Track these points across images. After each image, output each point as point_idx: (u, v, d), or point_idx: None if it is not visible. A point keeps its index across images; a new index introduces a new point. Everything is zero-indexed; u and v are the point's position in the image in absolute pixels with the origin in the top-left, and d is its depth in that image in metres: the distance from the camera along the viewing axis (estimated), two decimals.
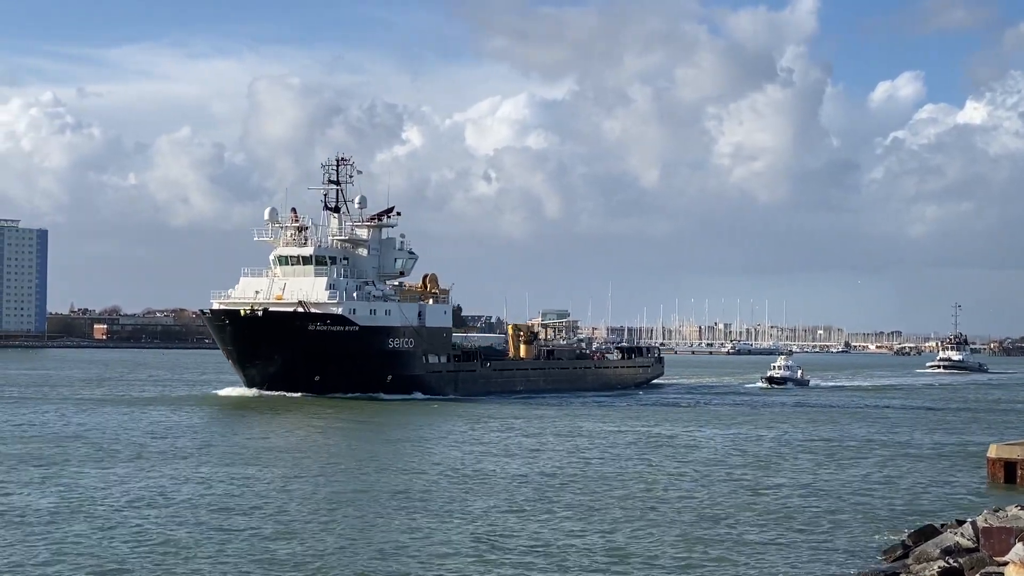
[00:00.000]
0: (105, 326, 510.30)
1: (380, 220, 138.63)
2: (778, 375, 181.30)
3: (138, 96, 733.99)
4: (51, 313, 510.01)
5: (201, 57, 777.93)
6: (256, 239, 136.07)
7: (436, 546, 43.54)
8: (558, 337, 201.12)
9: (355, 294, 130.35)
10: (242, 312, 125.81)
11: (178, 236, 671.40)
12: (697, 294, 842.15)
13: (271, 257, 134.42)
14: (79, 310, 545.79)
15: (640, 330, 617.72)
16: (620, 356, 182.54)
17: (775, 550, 43.41)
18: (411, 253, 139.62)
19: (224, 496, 54.48)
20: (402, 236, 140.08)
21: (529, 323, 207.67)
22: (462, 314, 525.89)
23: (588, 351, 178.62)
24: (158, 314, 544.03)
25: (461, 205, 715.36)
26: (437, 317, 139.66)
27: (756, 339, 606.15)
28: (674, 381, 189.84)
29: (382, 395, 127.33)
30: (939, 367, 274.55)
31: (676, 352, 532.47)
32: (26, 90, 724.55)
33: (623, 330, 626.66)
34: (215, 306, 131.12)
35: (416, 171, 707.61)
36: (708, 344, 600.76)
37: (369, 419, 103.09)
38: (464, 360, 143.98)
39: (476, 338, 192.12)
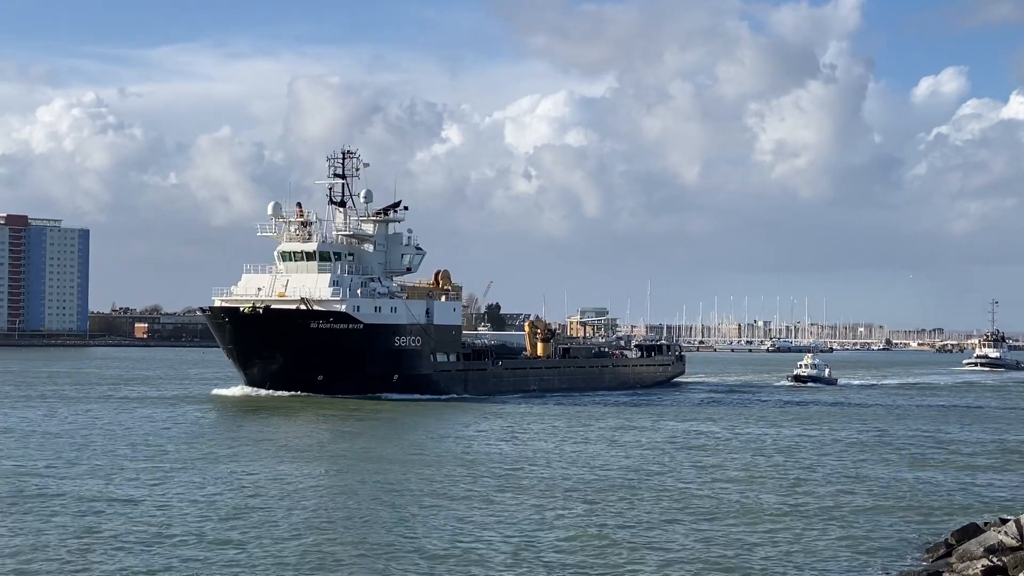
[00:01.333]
0: (146, 325, 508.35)
1: (387, 214, 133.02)
2: (804, 373, 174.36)
3: (179, 96, 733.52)
4: (93, 312, 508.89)
5: (241, 57, 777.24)
6: (259, 234, 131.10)
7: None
8: (597, 335, 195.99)
9: (359, 291, 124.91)
10: (242, 310, 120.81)
11: (218, 235, 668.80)
12: (736, 292, 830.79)
13: (275, 253, 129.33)
14: (120, 309, 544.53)
15: (679, 328, 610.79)
16: (639, 354, 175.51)
17: (815, 549, 43.07)
18: (419, 248, 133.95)
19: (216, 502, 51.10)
20: (409, 231, 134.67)
21: (569, 320, 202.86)
22: (500, 312, 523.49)
23: (606, 349, 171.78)
24: (198, 313, 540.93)
25: (501, 203, 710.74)
26: (446, 314, 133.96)
27: (796, 337, 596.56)
28: (696, 380, 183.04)
29: (391, 395, 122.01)
30: (976, 364, 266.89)
31: (715, 350, 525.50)
32: (68, 91, 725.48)
33: (662, 328, 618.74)
34: (217, 303, 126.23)
35: (456, 169, 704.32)
36: (748, 342, 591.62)
37: (362, 419, 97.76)
38: (475, 358, 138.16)
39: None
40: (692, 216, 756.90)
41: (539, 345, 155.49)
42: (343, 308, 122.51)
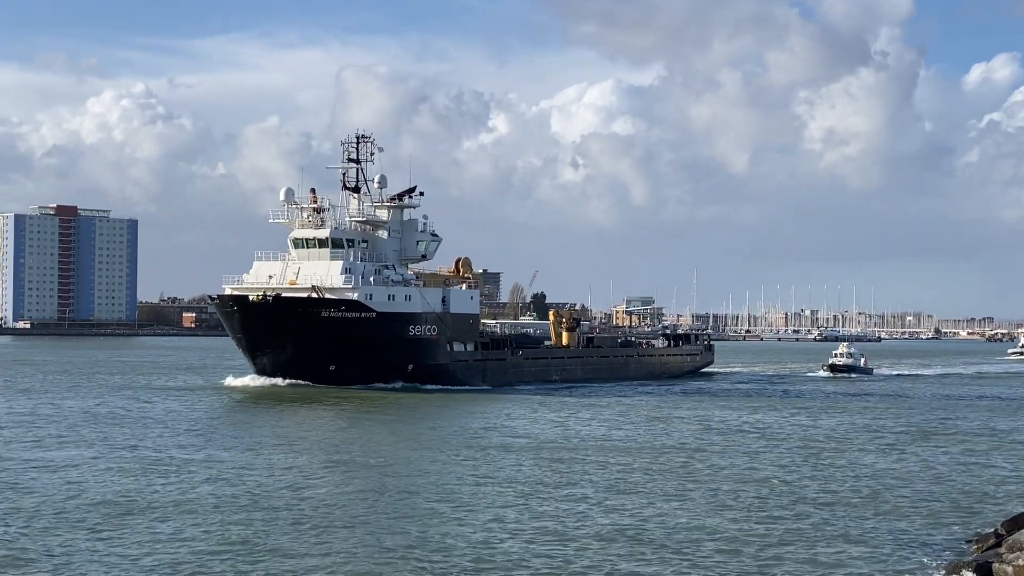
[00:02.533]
0: (194, 314, 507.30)
1: (401, 200, 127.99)
2: (840, 363, 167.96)
3: (227, 86, 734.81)
4: (141, 302, 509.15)
5: (289, 47, 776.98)
6: (271, 220, 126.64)
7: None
8: (643, 324, 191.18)
9: (372, 278, 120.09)
10: (251, 298, 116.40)
11: (266, 224, 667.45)
12: (783, 280, 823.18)
13: (288, 239, 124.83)
14: (168, 299, 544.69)
15: (726, 317, 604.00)
16: (666, 343, 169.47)
17: (860, 540, 41.79)
18: (434, 235, 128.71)
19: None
20: (425, 217, 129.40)
21: (615, 309, 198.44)
22: (546, 301, 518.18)
23: (632, 339, 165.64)
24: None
25: (547, 192, 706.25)
26: (463, 303, 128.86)
27: (844, 326, 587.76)
28: (726, 370, 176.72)
29: (406, 385, 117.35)
30: (1021, 354, 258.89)
31: (763, 339, 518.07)
32: (118, 82, 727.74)
33: (708, 317, 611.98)
34: (227, 291, 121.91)
35: (502, 159, 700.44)
36: (795, 331, 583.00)
37: (366, 413, 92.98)
38: (493, 348, 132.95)
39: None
40: (740, 205, 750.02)
41: (564, 335, 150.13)
42: (355, 296, 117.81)
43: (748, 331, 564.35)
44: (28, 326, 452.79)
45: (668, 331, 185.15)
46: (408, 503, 48.27)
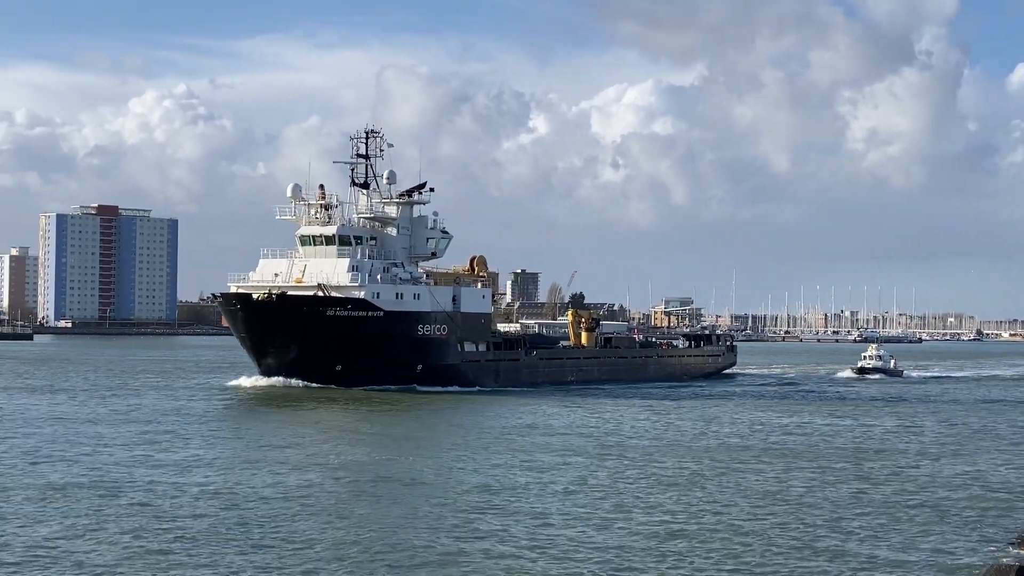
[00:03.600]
0: None
1: (411, 196, 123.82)
2: (868, 365, 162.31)
3: (268, 87, 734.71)
4: (181, 301, 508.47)
5: (329, 47, 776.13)
6: (278, 217, 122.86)
7: None
8: (681, 325, 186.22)
9: (379, 276, 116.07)
10: (256, 296, 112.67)
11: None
12: (823, 281, 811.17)
13: (295, 236, 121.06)
14: (208, 298, 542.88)
15: (764, 318, 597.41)
16: (687, 344, 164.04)
17: (899, 541, 40.75)
18: (444, 232, 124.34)
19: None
20: (435, 214, 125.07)
21: (653, 310, 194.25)
22: (584, 302, 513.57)
23: (653, 339, 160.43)
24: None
25: (587, 192, 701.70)
26: (474, 301, 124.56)
27: (884, 327, 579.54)
28: (749, 371, 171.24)
29: (414, 386, 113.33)
30: None
31: (801, 340, 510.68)
32: (160, 82, 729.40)
33: (747, 318, 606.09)
34: (233, 289, 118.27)
35: (542, 159, 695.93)
36: (834, 332, 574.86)
37: (365, 416, 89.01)
38: (506, 348, 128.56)
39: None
40: (781, 205, 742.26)
41: (583, 335, 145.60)
42: (362, 294, 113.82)
43: (787, 332, 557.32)
44: (69, 325, 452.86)
45: (689, 331, 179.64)
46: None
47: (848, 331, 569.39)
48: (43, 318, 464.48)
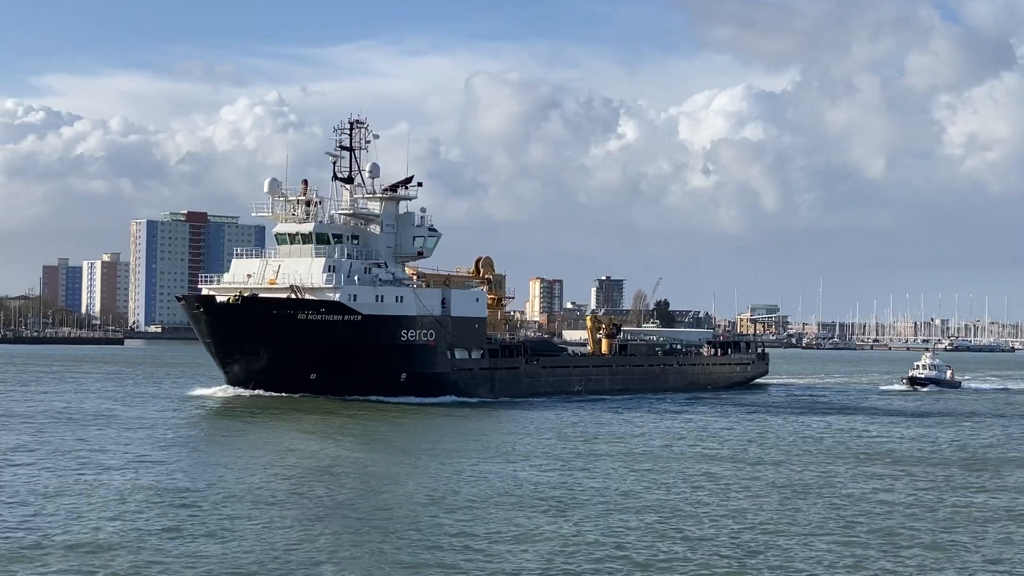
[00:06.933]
0: None
1: (395, 191, 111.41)
2: (921, 375, 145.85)
3: (357, 93, 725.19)
4: None
5: (417, 54, 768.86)
6: (254, 214, 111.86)
7: None
8: (767, 332, 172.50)
9: (357, 277, 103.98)
10: (228, 299, 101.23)
11: None
12: (912, 289, 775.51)
13: (272, 234, 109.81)
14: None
15: (852, 326, 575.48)
16: (713, 352, 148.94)
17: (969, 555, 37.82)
18: (432, 230, 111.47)
19: None
20: (423, 211, 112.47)
21: (739, 317, 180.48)
22: (669, 309, 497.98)
23: (678, 346, 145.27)
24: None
25: (676, 199, 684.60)
26: (466, 305, 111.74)
27: (975, 335, 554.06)
28: (782, 381, 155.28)
29: (397, 398, 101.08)
30: None
31: (891, 348, 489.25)
32: (252, 90, 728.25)
33: (834, 326, 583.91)
34: (204, 292, 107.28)
35: (630, 165, 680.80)
36: (924, 340, 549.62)
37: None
38: (504, 355, 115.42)
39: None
40: (873, 211, 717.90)
41: (604, 342, 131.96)
42: (336, 296, 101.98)
43: (876, 340, 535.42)
44: (159, 330, 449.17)
45: (716, 338, 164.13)
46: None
47: (939, 340, 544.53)
48: (133, 323, 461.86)
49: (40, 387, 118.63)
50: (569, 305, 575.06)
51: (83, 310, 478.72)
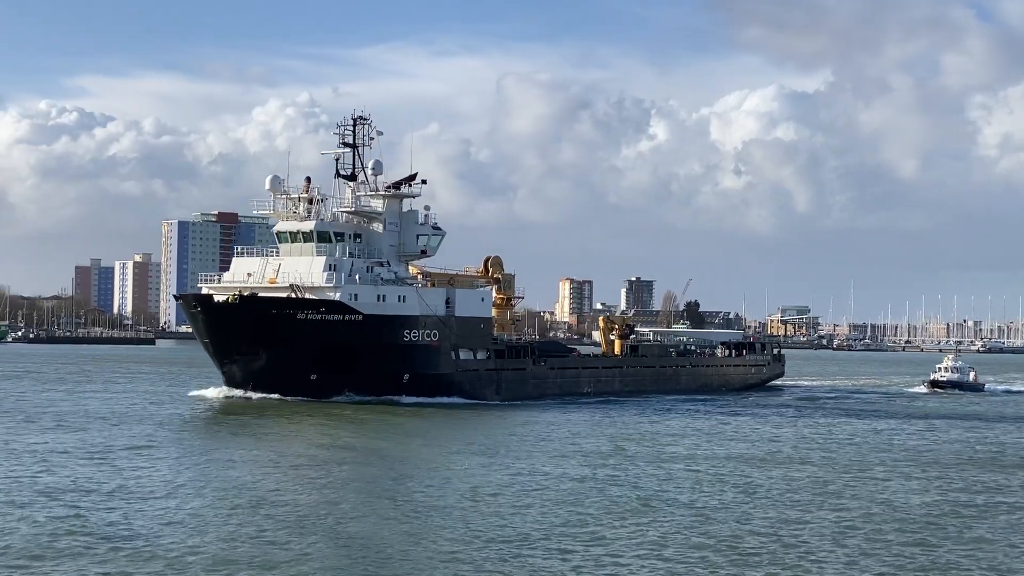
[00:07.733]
0: None
1: (399, 188, 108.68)
2: (943, 378, 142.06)
3: (388, 94, 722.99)
4: None
5: (448, 55, 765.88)
6: (254, 211, 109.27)
7: None
8: (798, 334, 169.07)
9: (359, 276, 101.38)
10: (227, 298, 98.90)
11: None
12: (945, 290, 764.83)
13: (273, 233, 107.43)
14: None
15: (884, 327, 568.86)
16: (727, 353, 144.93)
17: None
18: (436, 228, 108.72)
19: None
20: (427, 208, 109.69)
21: (769, 318, 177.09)
22: (699, 310, 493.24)
23: (692, 347, 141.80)
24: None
25: (707, 199, 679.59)
26: (471, 305, 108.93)
27: (1009, 337, 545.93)
28: (798, 383, 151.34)
29: (400, 399, 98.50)
30: None
31: (923, 350, 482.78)
32: (283, 91, 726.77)
33: (866, 327, 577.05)
34: (204, 291, 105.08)
35: (661, 166, 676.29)
36: (957, 342, 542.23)
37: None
38: (511, 356, 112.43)
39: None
40: (906, 212, 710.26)
41: (616, 343, 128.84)
42: (336, 296, 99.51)
43: (908, 342, 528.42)
44: (190, 330, 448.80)
45: (733, 339, 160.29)
46: None
47: (972, 341, 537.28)
48: (165, 323, 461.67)
49: (45, 386, 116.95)
50: (599, 306, 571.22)
51: (115, 310, 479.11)
